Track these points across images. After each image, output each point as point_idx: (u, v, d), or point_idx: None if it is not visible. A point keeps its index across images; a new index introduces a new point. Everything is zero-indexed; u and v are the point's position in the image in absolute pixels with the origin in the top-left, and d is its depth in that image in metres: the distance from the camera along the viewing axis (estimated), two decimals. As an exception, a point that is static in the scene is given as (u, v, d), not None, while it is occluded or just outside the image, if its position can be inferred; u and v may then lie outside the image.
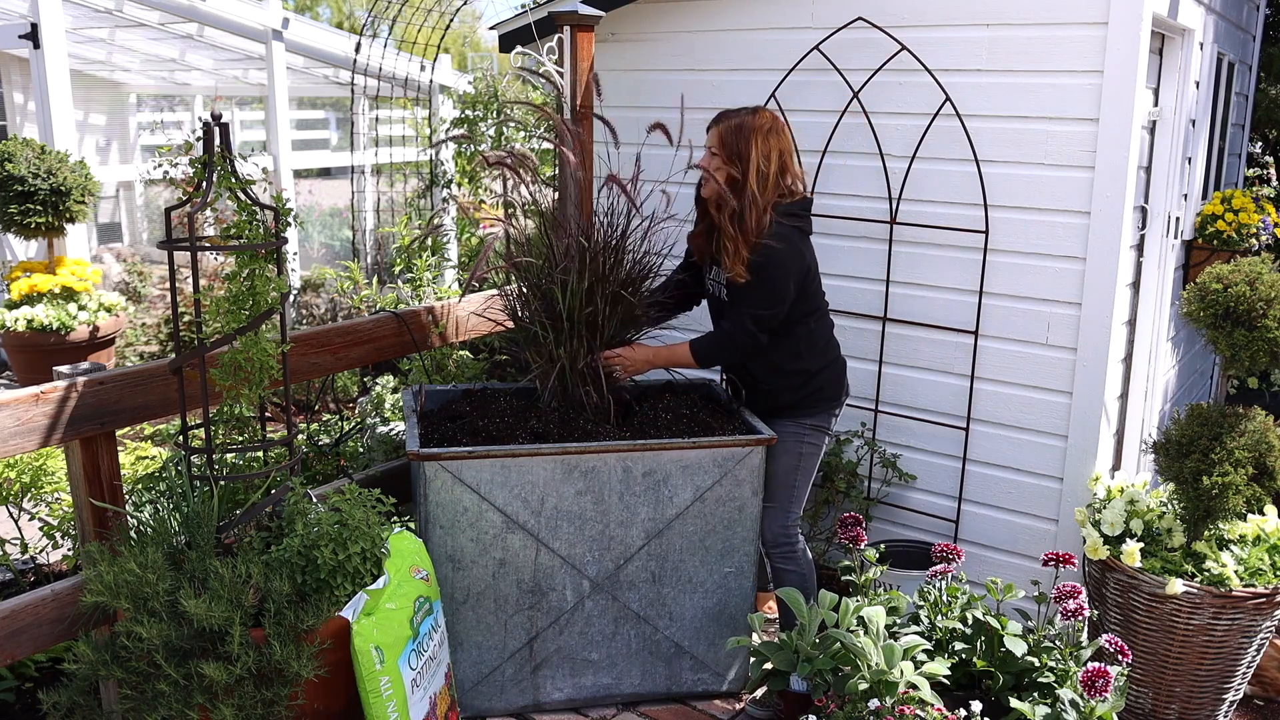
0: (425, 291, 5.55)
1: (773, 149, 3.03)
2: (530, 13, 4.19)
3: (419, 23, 6.92)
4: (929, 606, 2.97)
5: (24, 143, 5.47)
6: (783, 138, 3.07)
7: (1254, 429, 3.07)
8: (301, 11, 22.62)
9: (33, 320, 5.42)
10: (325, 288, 7.30)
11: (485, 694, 3.09)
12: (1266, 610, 3.01)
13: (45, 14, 5.84)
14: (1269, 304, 3.04)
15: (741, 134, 3.02)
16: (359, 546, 2.58)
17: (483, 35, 24.30)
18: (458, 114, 7.23)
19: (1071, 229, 3.37)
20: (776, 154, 3.03)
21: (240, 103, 12.06)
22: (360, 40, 6.96)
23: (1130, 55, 3.19)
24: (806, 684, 2.86)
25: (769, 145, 3.02)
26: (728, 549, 3.15)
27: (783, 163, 3.05)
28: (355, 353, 3.37)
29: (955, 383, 3.67)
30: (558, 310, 3.11)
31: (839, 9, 3.67)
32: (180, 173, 6.16)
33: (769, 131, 3.03)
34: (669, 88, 4.11)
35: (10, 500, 3.48)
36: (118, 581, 2.41)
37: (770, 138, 3.03)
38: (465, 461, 2.89)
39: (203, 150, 2.55)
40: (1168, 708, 3.14)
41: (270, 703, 2.40)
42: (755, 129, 3.01)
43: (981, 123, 3.48)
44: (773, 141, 3.03)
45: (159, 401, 2.75)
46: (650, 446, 3.01)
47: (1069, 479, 3.48)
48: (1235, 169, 5.49)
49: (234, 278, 2.62)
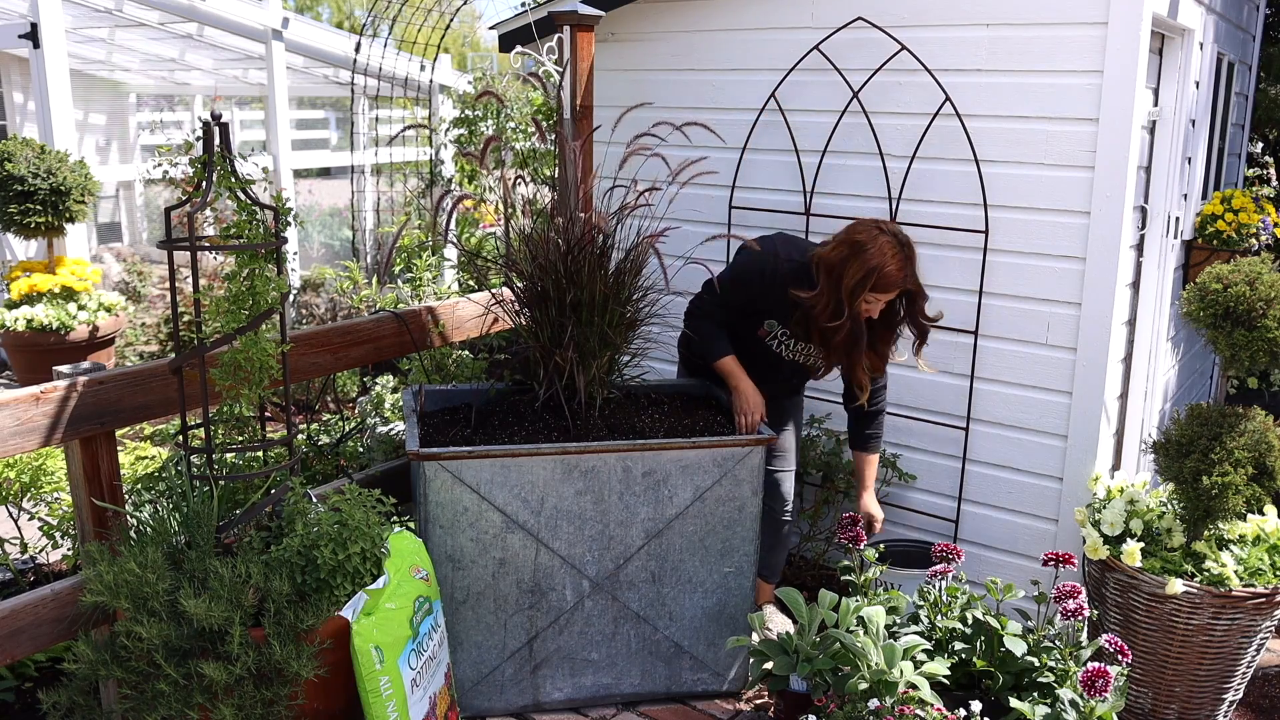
0: (425, 291, 5.55)
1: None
2: (530, 13, 4.20)
3: (419, 23, 6.93)
4: (929, 606, 2.97)
5: (24, 142, 5.47)
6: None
7: (1254, 429, 3.07)
8: (301, 11, 22.62)
9: (32, 320, 5.42)
10: (325, 288, 7.30)
11: (485, 694, 3.09)
12: (1266, 610, 3.01)
13: (45, 14, 5.83)
14: (1269, 304, 3.04)
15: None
16: (359, 546, 2.58)
17: (483, 35, 24.29)
18: (458, 114, 7.23)
19: (1071, 229, 3.37)
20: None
21: (240, 103, 12.06)
22: (360, 40, 6.96)
23: (1130, 55, 3.19)
24: (806, 684, 2.86)
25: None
26: (728, 549, 3.15)
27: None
28: (355, 353, 3.37)
29: (955, 382, 3.67)
30: (552, 311, 3.11)
31: (839, 9, 3.67)
32: (180, 172, 6.15)
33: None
34: (669, 88, 4.11)
35: (10, 500, 3.48)
36: (117, 581, 2.41)
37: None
38: (465, 461, 2.89)
39: (203, 150, 2.55)
40: (1167, 708, 3.15)
41: (270, 702, 2.40)
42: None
43: (981, 123, 3.48)
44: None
45: (159, 401, 2.75)
46: (650, 446, 3.01)
47: (1069, 479, 3.48)
48: (1235, 169, 5.49)
49: (234, 278, 2.62)
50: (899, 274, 2.91)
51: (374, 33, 6.96)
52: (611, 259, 3.15)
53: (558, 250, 3.10)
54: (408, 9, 6.86)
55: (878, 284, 2.91)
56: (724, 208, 4.03)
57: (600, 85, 3.90)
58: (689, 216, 4.07)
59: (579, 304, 3.10)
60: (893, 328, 3.13)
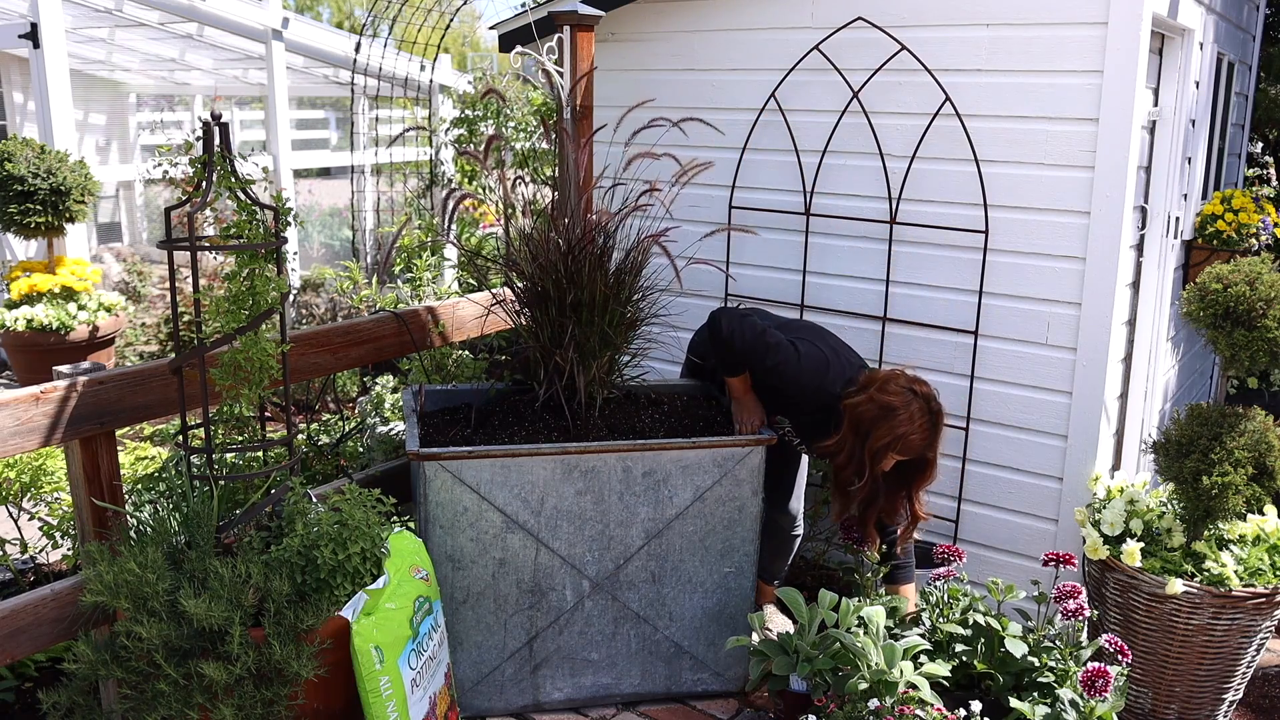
0: (425, 291, 5.55)
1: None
2: (530, 12, 4.19)
3: (419, 23, 6.93)
4: (930, 608, 2.97)
5: (24, 142, 5.48)
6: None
7: (1254, 429, 3.07)
8: (301, 11, 22.62)
9: (32, 320, 5.42)
10: (325, 288, 7.30)
11: (485, 694, 3.09)
12: (1266, 610, 3.01)
13: (45, 14, 5.84)
14: (1269, 304, 3.04)
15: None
16: (359, 546, 2.58)
17: (483, 35, 24.30)
18: (457, 114, 7.24)
19: (1071, 229, 3.37)
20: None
21: (240, 102, 12.05)
22: (360, 40, 6.96)
23: (1130, 55, 3.19)
24: (806, 684, 2.86)
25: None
26: (728, 549, 3.15)
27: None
28: (355, 353, 3.37)
29: (955, 383, 3.67)
30: (553, 311, 3.11)
31: (839, 9, 3.67)
32: (180, 172, 6.14)
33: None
34: (669, 87, 4.11)
35: (10, 500, 3.48)
36: (117, 581, 2.41)
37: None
38: (465, 461, 2.89)
39: (203, 150, 2.55)
40: (1167, 708, 3.14)
41: (270, 702, 2.40)
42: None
43: (981, 123, 3.48)
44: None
45: (159, 401, 2.75)
46: (650, 446, 3.00)
47: (1069, 479, 3.48)
48: (1235, 169, 5.49)
49: (234, 277, 2.62)
50: (922, 443, 2.90)
51: (374, 33, 6.96)
52: (612, 259, 3.15)
53: (558, 250, 3.09)
54: (408, 9, 6.86)
55: (902, 449, 2.90)
56: (724, 207, 4.03)
57: (600, 85, 3.90)
58: (689, 216, 4.07)
59: (579, 304, 3.10)
60: (901, 495, 3.08)
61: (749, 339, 3.05)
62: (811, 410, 3.09)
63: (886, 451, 2.89)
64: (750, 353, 3.05)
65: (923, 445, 2.91)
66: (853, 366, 3.12)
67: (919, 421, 2.88)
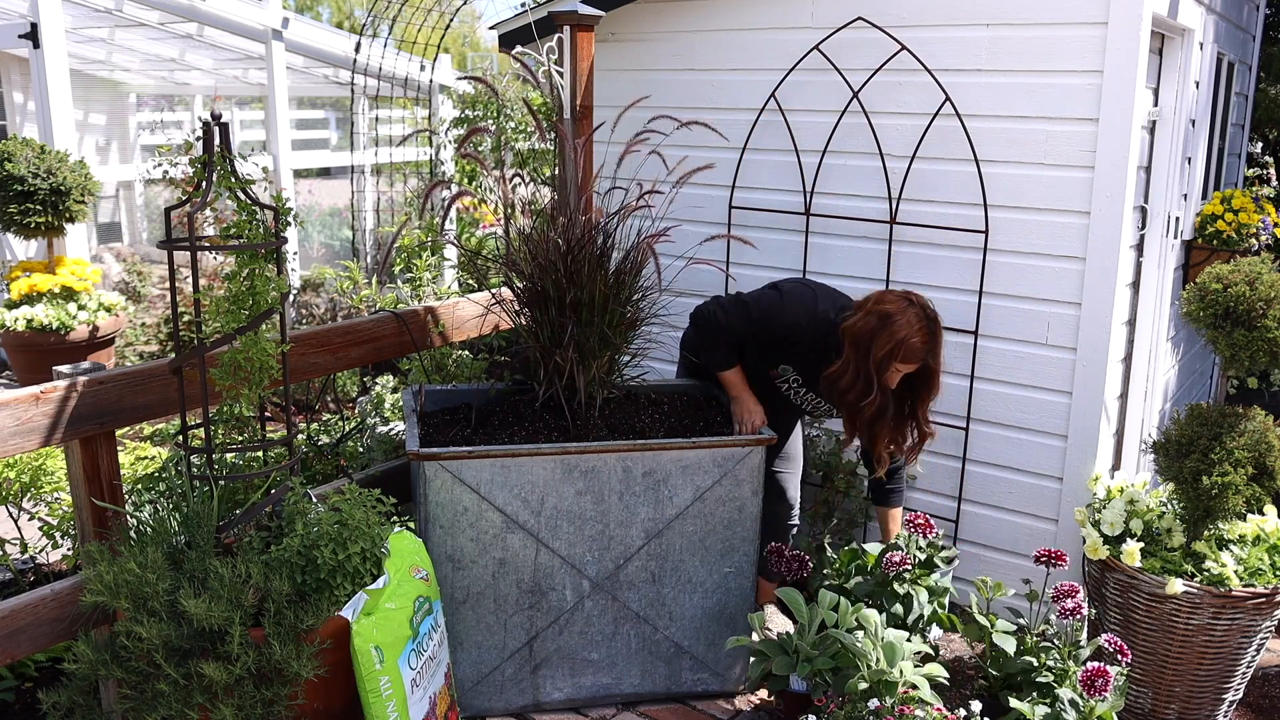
0: (425, 291, 5.55)
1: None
2: (530, 13, 4.20)
3: (419, 23, 6.93)
4: (908, 539, 3.08)
5: (24, 142, 5.47)
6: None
7: (1254, 429, 3.07)
8: (301, 11, 22.62)
9: (32, 320, 5.42)
10: (325, 288, 7.30)
11: (485, 694, 3.09)
12: (1266, 610, 3.01)
13: (45, 14, 5.83)
14: (1269, 304, 3.04)
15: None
16: (359, 546, 2.58)
17: (483, 35, 24.29)
18: (457, 114, 7.24)
19: (1071, 229, 3.37)
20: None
21: (240, 103, 12.05)
22: (360, 40, 6.96)
23: (1130, 55, 3.19)
24: (806, 684, 2.86)
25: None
26: (728, 549, 3.15)
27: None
28: (355, 353, 3.37)
29: (955, 383, 3.67)
30: (552, 311, 3.11)
31: (839, 9, 3.67)
32: (180, 172, 6.16)
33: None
34: (669, 87, 4.11)
35: (10, 500, 3.48)
36: (117, 581, 2.41)
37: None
38: (465, 461, 2.89)
39: (202, 150, 2.55)
40: (1167, 708, 3.15)
41: (270, 702, 2.40)
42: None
43: (981, 123, 3.48)
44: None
45: (159, 401, 2.75)
46: (650, 446, 3.00)
47: (1069, 479, 3.48)
48: (1235, 169, 5.49)
49: (234, 278, 2.62)
50: (923, 347, 2.91)
51: (374, 33, 6.96)
52: (611, 259, 3.15)
53: (558, 250, 3.09)
54: (408, 9, 6.86)
55: (904, 356, 2.89)
56: (724, 207, 4.03)
57: (600, 85, 3.90)
58: (689, 216, 4.07)
59: (579, 304, 3.10)
60: (907, 411, 3.09)
61: (728, 306, 3.18)
62: (810, 344, 3.09)
63: (890, 360, 2.89)
64: (734, 318, 3.14)
65: (924, 350, 2.91)
66: (843, 297, 3.18)
67: (917, 325, 2.89)
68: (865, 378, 2.92)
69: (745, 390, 3.19)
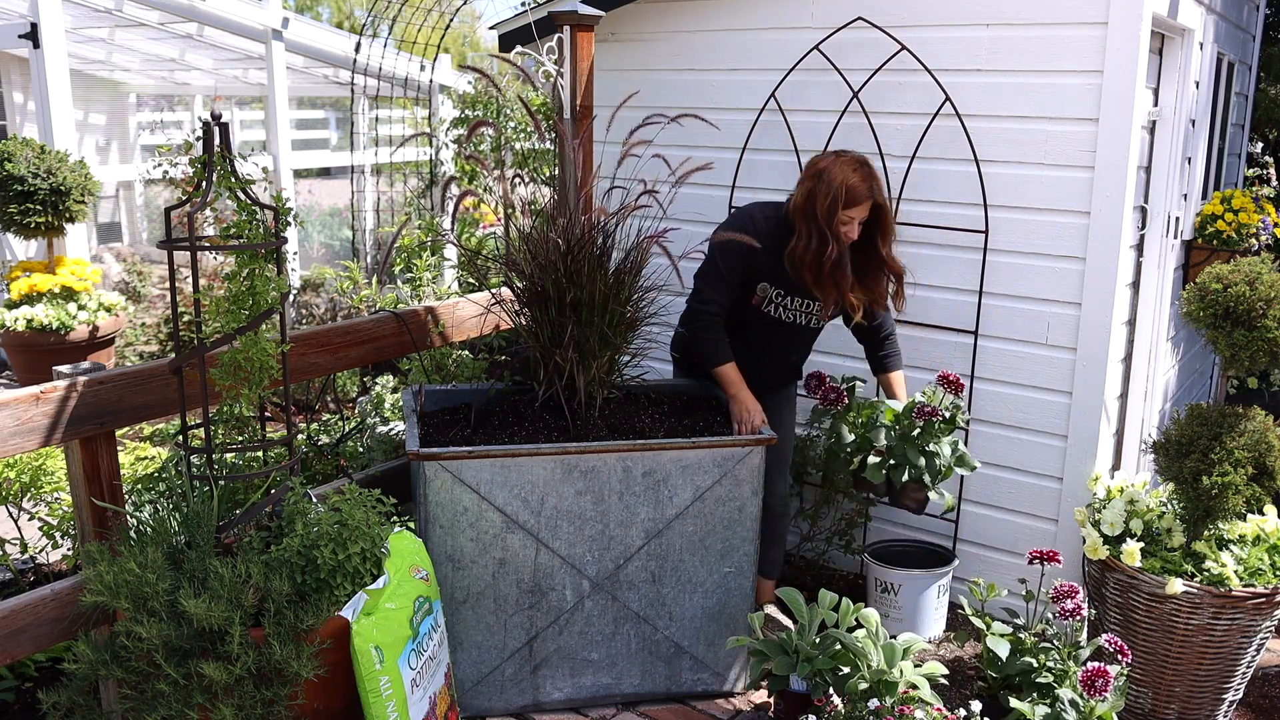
0: (425, 291, 5.55)
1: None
2: (530, 13, 4.20)
3: (419, 23, 6.93)
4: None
5: (24, 142, 5.48)
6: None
7: (1254, 429, 3.07)
8: (301, 11, 22.62)
9: (32, 320, 5.42)
10: (325, 288, 7.31)
11: (485, 694, 3.09)
12: (1266, 610, 3.01)
13: (45, 14, 5.84)
14: (1269, 304, 3.04)
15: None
16: (359, 546, 2.58)
17: (483, 35, 24.29)
18: (457, 114, 7.24)
19: (1071, 229, 3.37)
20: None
21: (240, 103, 12.06)
22: (360, 40, 6.96)
23: (1130, 55, 3.19)
24: (806, 684, 2.86)
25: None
26: (727, 549, 3.15)
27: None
28: (355, 353, 3.37)
29: (955, 383, 3.67)
30: (552, 311, 3.10)
31: (839, 9, 3.67)
32: (180, 172, 6.16)
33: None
34: (669, 88, 4.11)
35: (10, 500, 3.48)
36: (117, 581, 2.41)
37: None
38: (465, 461, 2.89)
39: (202, 150, 2.55)
40: (1167, 708, 3.15)
41: (270, 702, 2.40)
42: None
43: (981, 123, 3.48)
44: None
45: (159, 401, 2.75)
46: (650, 446, 3.01)
47: (1069, 479, 3.48)
48: (1235, 169, 5.49)
49: (234, 278, 2.62)
50: (864, 184, 3.02)
51: (374, 33, 6.97)
52: (611, 259, 3.15)
53: (558, 250, 3.09)
54: (408, 9, 6.86)
55: (848, 200, 3.01)
56: (724, 208, 4.03)
57: (600, 85, 3.89)
58: (689, 217, 4.07)
59: (579, 304, 3.10)
60: (876, 258, 3.18)
61: (699, 286, 3.24)
62: (770, 244, 3.16)
63: (836, 208, 3.02)
64: (712, 284, 3.22)
65: (865, 188, 3.03)
66: (782, 201, 3.29)
67: (851, 169, 3.03)
68: (819, 235, 3.05)
69: (743, 389, 3.20)
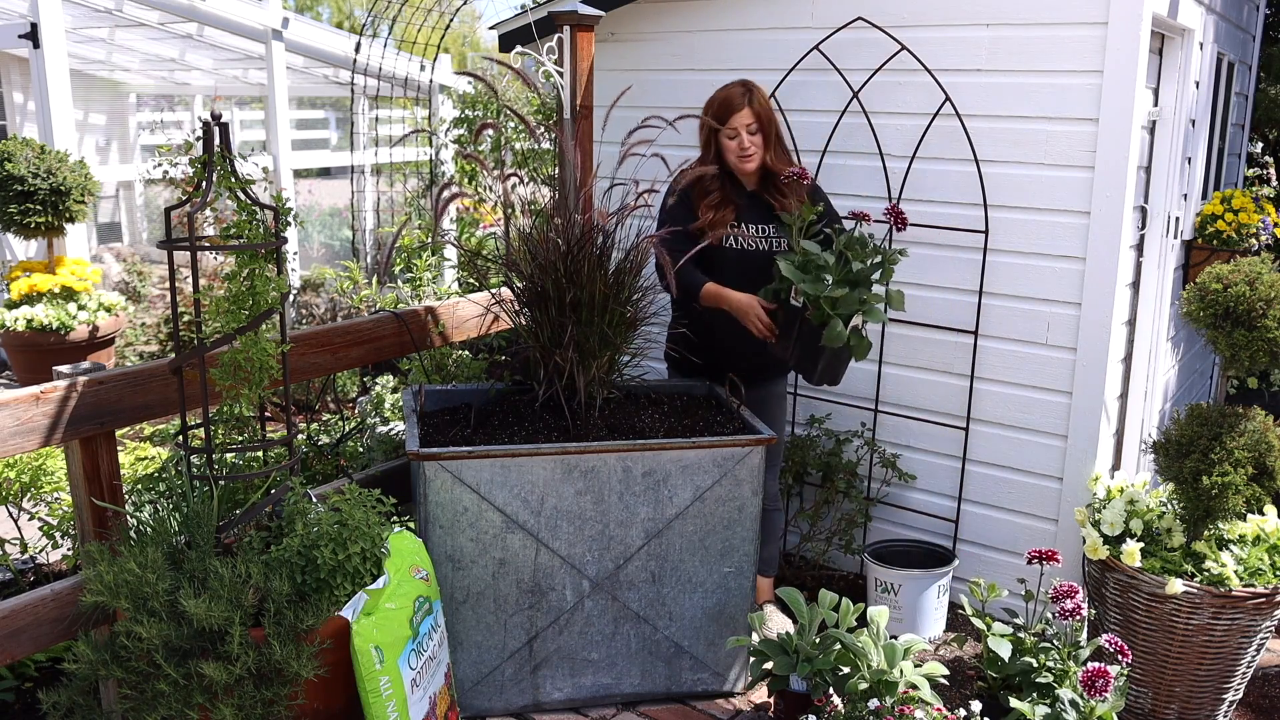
0: (425, 291, 5.55)
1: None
2: (530, 13, 4.20)
3: (419, 23, 6.93)
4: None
5: (24, 142, 5.48)
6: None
7: (1254, 429, 3.07)
8: (301, 11, 22.62)
9: (32, 320, 5.42)
10: (325, 288, 7.30)
11: (485, 694, 3.09)
12: (1266, 610, 3.01)
13: (45, 14, 5.84)
14: (1269, 304, 3.04)
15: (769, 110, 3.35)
16: (359, 546, 2.58)
17: (483, 35, 24.30)
18: (457, 114, 7.24)
19: (1071, 229, 3.37)
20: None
21: (240, 103, 12.05)
22: (360, 40, 6.96)
23: (1130, 55, 3.19)
24: (806, 684, 2.86)
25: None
26: (727, 549, 3.15)
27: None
28: (355, 353, 3.37)
29: (955, 383, 3.67)
30: (552, 311, 3.10)
31: (839, 9, 3.67)
32: (180, 172, 6.16)
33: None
34: (669, 87, 4.11)
35: (10, 500, 3.48)
36: (117, 581, 2.41)
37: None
38: (465, 461, 2.89)
39: (202, 150, 2.55)
40: (1167, 708, 3.15)
41: (270, 702, 2.40)
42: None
43: (981, 123, 3.48)
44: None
45: (159, 401, 2.75)
46: (650, 446, 3.01)
47: (1069, 479, 3.48)
48: (1235, 169, 5.49)
49: (234, 278, 2.62)
50: (740, 91, 3.26)
51: (374, 33, 6.97)
52: (611, 259, 3.15)
53: (558, 250, 3.09)
54: (408, 9, 6.86)
55: (723, 108, 3.26)
56: (724, 208, 4.03)
57: (600, 85, 3.89)
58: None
59: (579, 304, 3.10)
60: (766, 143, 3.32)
61: (665, 238, 3.25)
62: (714, 194, 3.32)
63: (710, 120, 3.29)
64: (673, 240, 3.25)
65: (741, 95, 3.27)
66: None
67: (731, 84, 3.32)
68: (710, 147, 3.32)
69: (729, 293, 3.24)
